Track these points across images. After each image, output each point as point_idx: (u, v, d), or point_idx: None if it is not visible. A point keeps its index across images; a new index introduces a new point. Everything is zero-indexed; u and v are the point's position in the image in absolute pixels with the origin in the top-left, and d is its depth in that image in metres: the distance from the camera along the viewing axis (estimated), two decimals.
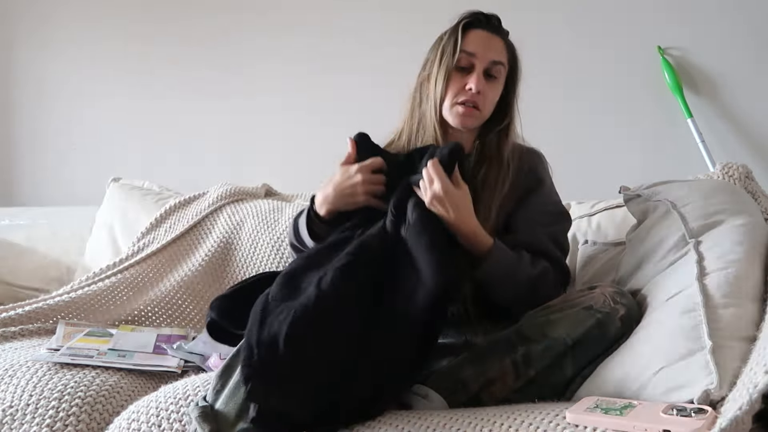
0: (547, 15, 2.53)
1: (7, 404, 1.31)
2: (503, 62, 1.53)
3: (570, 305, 1.28)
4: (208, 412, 1.10)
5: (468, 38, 1.51)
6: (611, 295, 1.27)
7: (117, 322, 1.78)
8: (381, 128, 1.58)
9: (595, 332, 1.23)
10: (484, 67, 1.50)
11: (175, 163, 2.90)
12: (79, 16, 3.03)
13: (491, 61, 1.50)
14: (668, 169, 2.35)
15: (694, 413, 0.93)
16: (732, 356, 1.02)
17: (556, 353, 1.23)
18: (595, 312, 1.25)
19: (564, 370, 1.23)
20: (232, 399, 1.10)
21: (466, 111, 1.50)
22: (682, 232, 1.33)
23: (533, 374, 1.23)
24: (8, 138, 3.13)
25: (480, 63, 1.50)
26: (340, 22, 2.74)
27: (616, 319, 1.24)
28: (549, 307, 1.31)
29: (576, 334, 1.23)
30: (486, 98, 1.51)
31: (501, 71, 1.53)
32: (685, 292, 1.19)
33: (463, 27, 1.52)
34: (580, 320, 1.24)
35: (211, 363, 1.50)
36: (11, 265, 2.21)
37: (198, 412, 1.10)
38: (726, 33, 2.38)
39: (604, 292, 1.28)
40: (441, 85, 1.50)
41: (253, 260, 1.97)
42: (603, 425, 0.96)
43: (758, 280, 1.22)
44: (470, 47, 1.50)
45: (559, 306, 1.30)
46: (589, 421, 0.98)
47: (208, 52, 2.89)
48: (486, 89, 1.50)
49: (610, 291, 1.29)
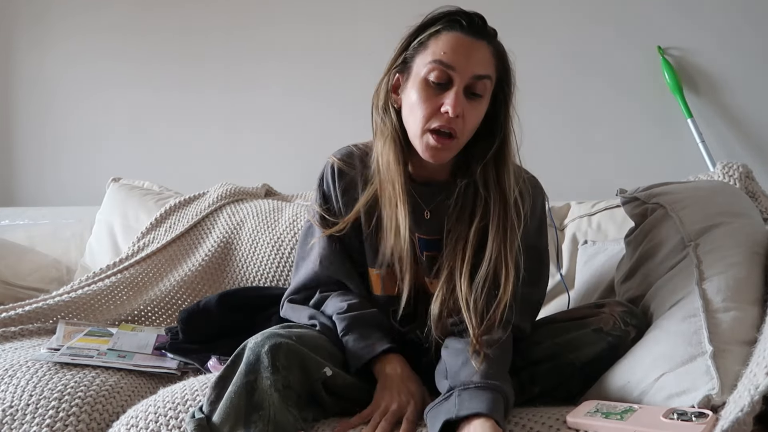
0: (547, 15, 2.52)
1: (7, 404, 1.30)
2: (489, 75, 1.22)
3: (578, 325, 1.24)
4: (204, 424, 1.08)
5: (444, 45, 1.20)
6: (621, 315, 1.23)
7: (117, 321, 1.78)
8: None
9: (606, 354, 1.20)
10: (465, 84, 1.19)
11: (175, 163, 2.90)
12: (78, 17, 3.02)
13: (474, 76, 1.19)
14: (668, 169, 2.34)
15: (695, 417, 0.93)
16: (733, 360, 1.02)
17: (564, 374, 1.22)
18: (606, 335, 1.21)
19: (570, 389, 1.22)
20: (228, 410, 1.07)
21: (439, 142, 1.20)
22: (681, 236, 1.32)
23: (537, 391, 1.23)
24: (8, 138, 3.13)
25: (460, 78, 1.19)
26: (342, 21, 2.74)
27: (628, 342, 1.21)
28: (555, 322, 1.30)
29: (586, 357, 1.20)
30: (466, 123, 1.21)
31: (487, 86, 1.22)
32: (685, 297, 1.19)
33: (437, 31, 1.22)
34: (590, 343, 1.21)
35: (210, 364, 1.50)
36: (11, 265, 2.20)
37: (194, 425, 1.08)
38: (726, 33, 2.38)
39: (613, 312, 1.23)
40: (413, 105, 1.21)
41: (253, 260, 1.97)
42: (603, 429, 0.97)
43: (758, 283, 1.22)
44: (447, 58, 1.19)
45: (565, 325, 1.27)
46: (589, 425, 0.98)
47: (209, 52, 2.88)
48: (467, 111, 1.19)
49: (620, 311, 1.24)
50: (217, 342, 1.58)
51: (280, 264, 1.94)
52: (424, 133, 1.21)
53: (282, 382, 1.09)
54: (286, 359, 1.10)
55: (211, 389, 1.11)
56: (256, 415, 1.06)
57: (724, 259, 1.23)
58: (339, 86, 2.73)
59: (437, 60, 1.19)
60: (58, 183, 3.06)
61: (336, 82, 2.74)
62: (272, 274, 1.93)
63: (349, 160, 1.37)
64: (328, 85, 2.75)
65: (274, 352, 1.09)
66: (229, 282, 1.97)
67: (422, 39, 1.24)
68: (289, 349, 1.11)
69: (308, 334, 1.22)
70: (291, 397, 1.09)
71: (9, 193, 3.12)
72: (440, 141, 1.21)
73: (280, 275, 1.93)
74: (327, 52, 2.75)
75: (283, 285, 1.91)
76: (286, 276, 1.92)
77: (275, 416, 1.06)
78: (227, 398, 1.08)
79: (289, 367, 1.10)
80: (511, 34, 1.33)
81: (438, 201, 1.31)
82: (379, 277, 1.34)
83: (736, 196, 1.49)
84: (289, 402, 1.09)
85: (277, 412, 1.06)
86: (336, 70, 2.74)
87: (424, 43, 1.23)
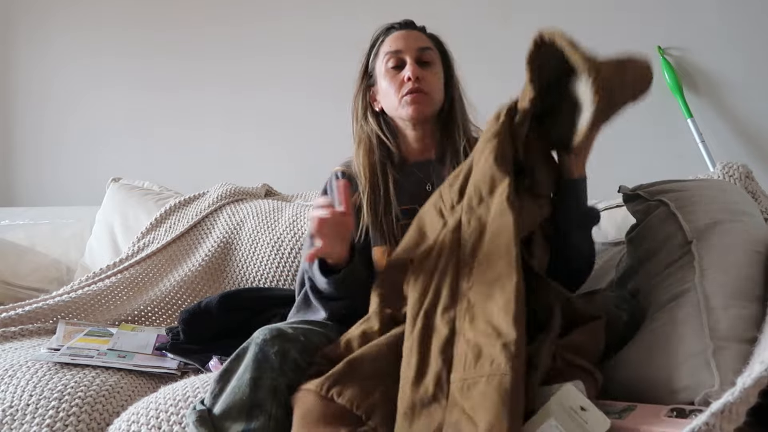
0: (547, 15, 2.52)
1: (7, 404, 1.31)
2: (430, 46, 1.52)
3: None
4: (205, 416, 1.10)
5: (389, 42, 1.51)
6: (612, 300, 1.27)
7: (117, 321, 1.78)
8: None
9: None
10: (414, 57, 1.48)
11: (175, 163, 2.90)
12: (78, 17, 3.03)
13: (418, 49, 1.49)
14: (668, 169, 2.34)
15: (694, 416, 0.93)
16: (733, 358, 1.02)
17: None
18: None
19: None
20: (231, 403, 1.10)
21: (414, 97, 1.46)
22: (683, 233, 1.33)
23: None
24: (8, 138, 3.13)
25: (409, 54, 1.48)
26: (341, 22, 2.74)
27: (620, 325, 1.23)
28: None
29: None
30: (429, 82, 1.48)
31: (433, 56, 1.51)
32: (685, 294, 1.19)
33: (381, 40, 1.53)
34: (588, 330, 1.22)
35: (211, 365, 1.50)
36: (11, 265, 2.20)
37: (195, 416, 1.10)
38: (726, 33, 2.38)
39: (604, 295, 1.28)
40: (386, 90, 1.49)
41: (253, 260, 1.97)
42: None
43: (758, 281, 1.22)
44: (393, 46, 1.50)
45: None
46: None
47: (209, 52, 2.88)
48: (425, 74, 1.47)
49: (611, 296, 1.28)
50: (218, 342, 1.59)
51: (280, 264, 1.94)
52: (401, 100, 1.47)
53: (287, 384, 1.12)
54: (294, 363, 1.13)
55: (215, 382, 1.13)
56: (258, 410, 1.08)
57: (725, 257, 1.23)
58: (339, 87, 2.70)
59: (388, 52, 1.50)
60: (57, 183, 3.06)
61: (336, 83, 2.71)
62: (272, 274, 1.93)
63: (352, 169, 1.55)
64: (329, 86, 2.74)
65: (283, 354, 1.12)
66: (229, 282, 1.97)
67: (374, 51, 1.54)
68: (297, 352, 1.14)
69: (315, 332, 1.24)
70: None
71: (9, 193, 3.12)
72: (413, 97, 1.46)
73: (280, 275, 1.93)
74: (327, 52, 2.75)
75: (283, 285, 1.92)
76: (286, 276, 1.92)
77: (277, 413, 1.08)
78: (230, 392, 1.10)
79: (295, 370, 1.13)
80: (510, 34, 1.38)
81: (436, 173, 1.50)
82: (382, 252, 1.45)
83: (738, 195, 1.49)
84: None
85: (279, 410, 1.09)
86: (336, 71, 2.73)
87: (376, 52, 1.54)
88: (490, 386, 0.96)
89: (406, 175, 1.50)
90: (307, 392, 1.09)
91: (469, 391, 0.98)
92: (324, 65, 2.75)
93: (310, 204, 2.08)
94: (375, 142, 1.52)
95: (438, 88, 1.50)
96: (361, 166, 1.50)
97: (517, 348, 0.99)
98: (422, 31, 1.56)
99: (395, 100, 1.48)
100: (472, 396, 0.97)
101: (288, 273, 1.92)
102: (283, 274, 1.93)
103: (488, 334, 1.03)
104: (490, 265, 1.12)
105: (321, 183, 1.61)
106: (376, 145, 1.52)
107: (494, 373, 0.97)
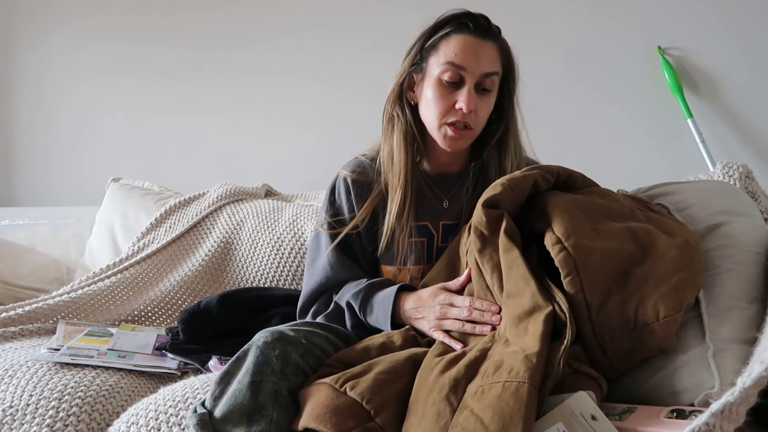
0: (547, 15, 2.52)
1: (7, 404, 1.30)
2: (497, 71, 1.34)
3: None
4: (206, 419, 1.08)
5: (454, 47, 1.31)
6: None
7: (117, 321, 1.78)
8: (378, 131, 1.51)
9: None
10: (476, 82, 1.31)
11: (175, 163, 2.90)
12: (79, 17, 3.02)
13: (483, 74, 1.31)
14: (668, 169, 2.35)
15: (694, 416, 0.93)
16: (733, 359, 1.02)
17: None
18: None
19: None
20: (231, 407, 1.08)
21: (456, 133, 1.32)
22: None
23: None
24: (8, 138, 3.13)
25: (471, 77, 1.30)
26: (340, 25, 2.74)
27: None
28: None
29: None
30: (478, 116, 1.33)
31: (495, 82, 1.34)
32: None
33: (447, 34, 1.32)
34: None
35: (210, 365, 1.50)
36: (11, 265, 2.20)
37: (196, 419, 1.08)
38: (726, 33, 2.38)
39: None
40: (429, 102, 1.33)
41: (253, 260, 1.97)
42: None
43: (758, 282, 1.22)
44: (458, 59, 1.30)
45: None
46: None
47: (209, 52, 2.88)
48: (478, 105, 1.32)
49: None
50: (218, 342, 1.59)
51: (280, 264, 1.94)
52: (441, 126, 1.33)
53: (288, 387, 1.10)
54: (295, 367, 1.12)
55: (216, 384, 1.12)
56: (259, 414, 1.07)
57: (725, 258, 1.23)
58: (339, 87, 2.73)
59: (449, 62, 1.31)
60: (57, 183, 3.06)
61: (336, 84, 2.74)
62: (272, 274, 1.93)
63: (361, 169, 1.45)
64: (329, 86, 2.75)
65: (284, 358, 1.11)
66: (229, 282, 1.97)
67: (434, 41, 1.34)
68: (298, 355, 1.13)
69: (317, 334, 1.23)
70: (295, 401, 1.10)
71: (9, 193, 3.12)
72: (457, 132, 1.33)
73: (280, 275, 1.93)
74: (327, 52, 2.75)
75: (283, 285, 1.91)
76: (286, 276, 1.92)
77: (278, 417, 1.07)
78: (231, 395, 1.09)
79: (296, 373, 1.12)
80: (512, 34, 1.41)
81: (455, 189, 1.43)
82: (390, 275, 1.43)
83: (738, 196, 1.49)
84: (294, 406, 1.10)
85: (280, 414, 1.07)
86: (337, 71, 2.74)
87: (436, 45, 1.33)
88: (506, 391, 0.95)
89: (428, 185, 1.41)
90: (320, 385, 1.08)
91: (483, 394, 0.98)
92: (324, 67, 2.75)
93: (311, 204, 2.08)
94: (409, 137, 1.38)
95: (484, 121, 1.36)
96: (397, 161, 1.36)
97: (538, 360, 0.99)
98: (495, 39, 1.34)
99: (435, 120, 1.33)
100: (485, 399, 0.96)
101: (288, 273, 1.92)
102: (283, 274, 1.92)
103: (515, 352, 1.03)
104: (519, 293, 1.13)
105: (321, 183, 1.59)
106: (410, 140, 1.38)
107: (512, 380, 0.97)
